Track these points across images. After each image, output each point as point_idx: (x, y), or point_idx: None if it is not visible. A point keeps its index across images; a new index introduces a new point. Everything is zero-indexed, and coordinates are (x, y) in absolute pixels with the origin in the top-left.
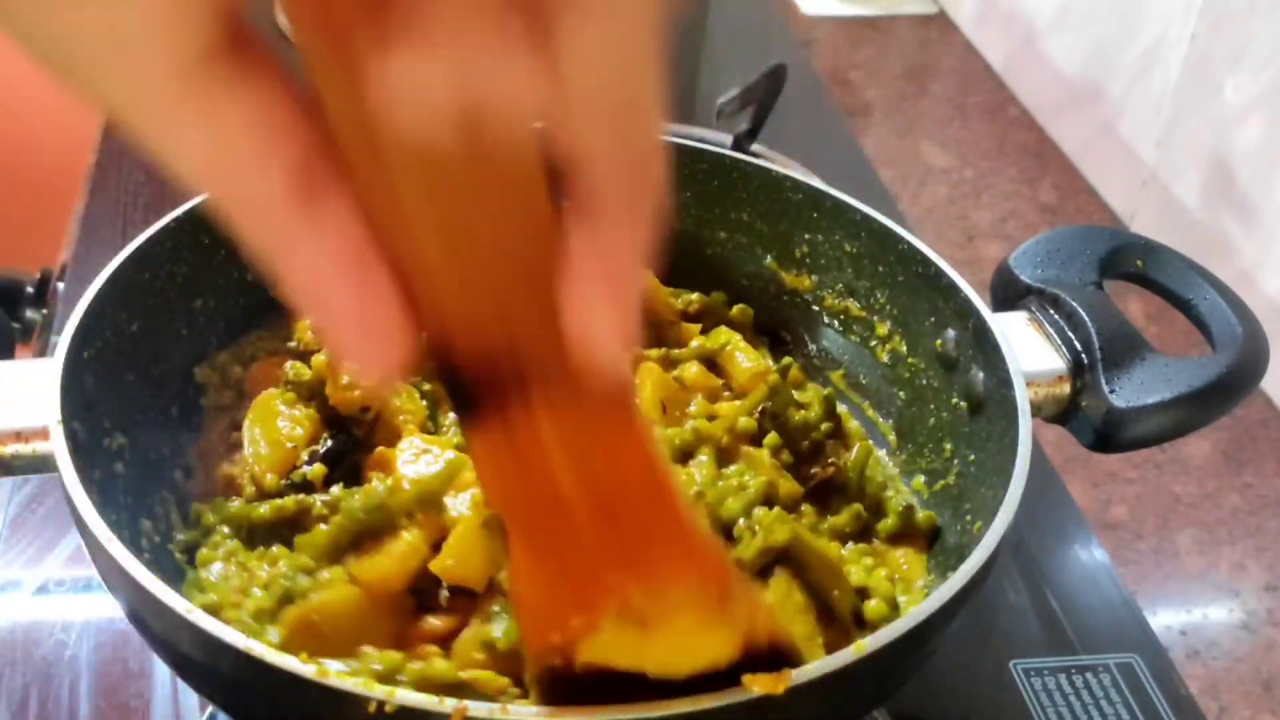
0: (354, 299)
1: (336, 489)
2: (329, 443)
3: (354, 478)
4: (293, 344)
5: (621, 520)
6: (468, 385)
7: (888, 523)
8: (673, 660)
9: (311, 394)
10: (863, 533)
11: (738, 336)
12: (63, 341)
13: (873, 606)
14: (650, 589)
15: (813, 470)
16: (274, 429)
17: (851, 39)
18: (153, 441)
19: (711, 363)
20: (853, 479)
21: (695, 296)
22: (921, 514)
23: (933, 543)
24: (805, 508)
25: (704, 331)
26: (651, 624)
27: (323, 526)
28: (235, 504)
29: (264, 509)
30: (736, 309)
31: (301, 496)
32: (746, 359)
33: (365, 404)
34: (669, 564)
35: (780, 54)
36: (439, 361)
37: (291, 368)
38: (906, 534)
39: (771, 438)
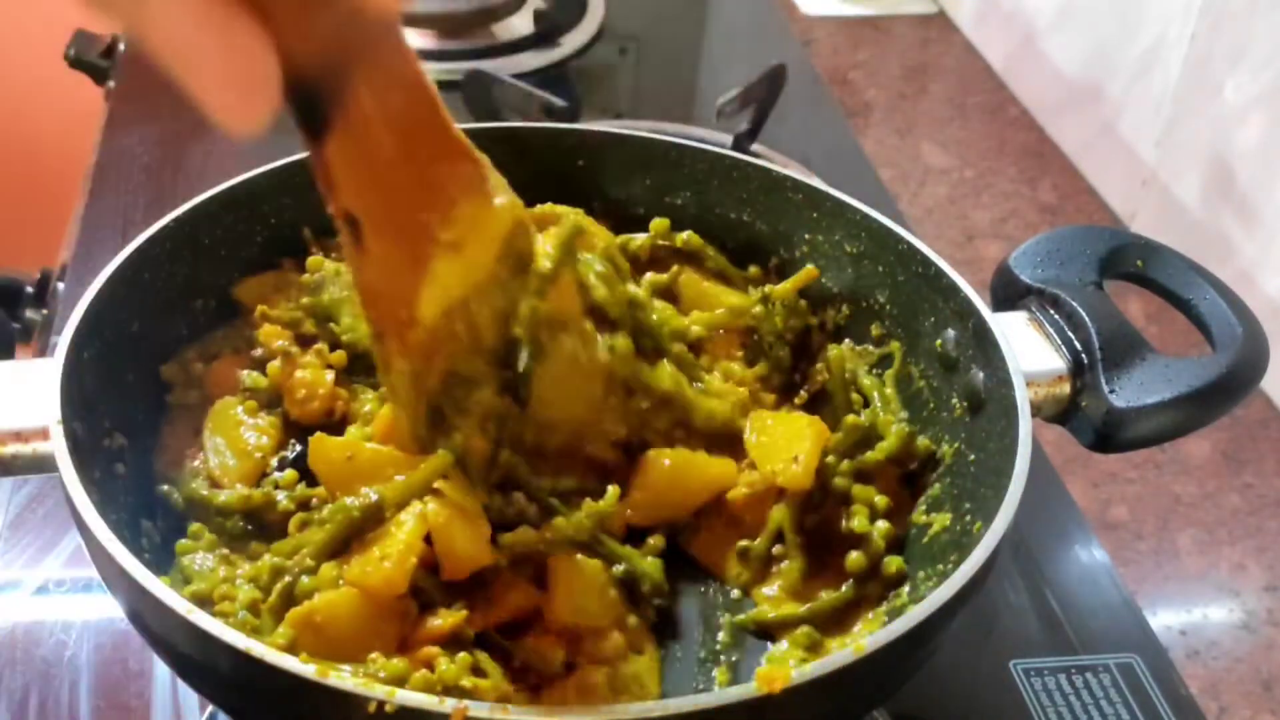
0: (218, 52)
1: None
2: (298, 448)
3: None
4: (256, 352)
5: (420, 156)
6: (316, 97)
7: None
8: (482, 256)
9: (271, 401)
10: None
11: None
12: (63, 341)
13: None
14: (447, 215)
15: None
16: (238, 439)
17: (851, 39)
18: (153, 441)
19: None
20: (836, 383)
21: (643, 237)
22: (920, 441)
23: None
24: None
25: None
26: (462, 245)
27: (312, 526)
28: (200, 485)
29: (226, 496)
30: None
31: (267, 490)
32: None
33: (328, 411)
34: (453, 184)
35: (780, 54)
36: (292, 82)
37: (249, 376)
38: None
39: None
